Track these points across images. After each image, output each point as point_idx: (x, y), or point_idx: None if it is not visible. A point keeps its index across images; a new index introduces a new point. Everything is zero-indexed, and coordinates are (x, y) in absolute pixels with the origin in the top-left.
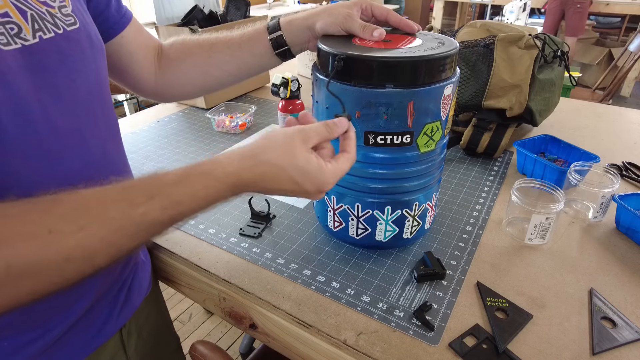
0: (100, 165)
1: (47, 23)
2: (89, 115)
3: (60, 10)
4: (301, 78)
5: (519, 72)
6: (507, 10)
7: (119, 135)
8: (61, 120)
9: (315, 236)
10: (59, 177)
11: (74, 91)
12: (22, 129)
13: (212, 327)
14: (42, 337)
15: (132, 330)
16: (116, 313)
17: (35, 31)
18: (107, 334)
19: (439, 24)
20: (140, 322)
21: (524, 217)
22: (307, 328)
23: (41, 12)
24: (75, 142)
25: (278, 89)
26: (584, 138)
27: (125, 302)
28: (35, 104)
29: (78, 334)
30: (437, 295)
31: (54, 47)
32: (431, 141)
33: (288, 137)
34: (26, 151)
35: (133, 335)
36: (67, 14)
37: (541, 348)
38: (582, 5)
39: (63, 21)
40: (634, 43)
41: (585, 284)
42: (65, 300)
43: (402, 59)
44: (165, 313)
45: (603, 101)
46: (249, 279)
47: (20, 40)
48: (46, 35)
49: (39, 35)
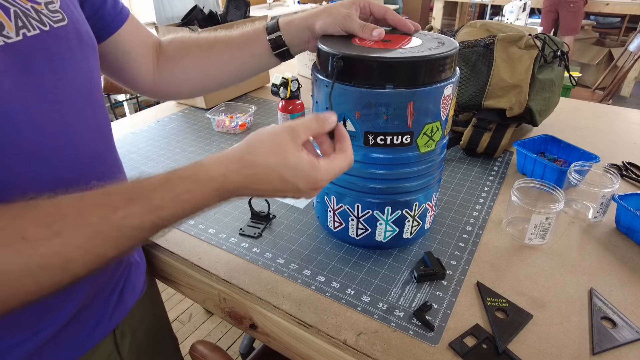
0: (89, 167)
1: (32, 20)
2: (77, 115)
3: (47, 6)
4: (301, 78)
5: (518, 72)
6: (507, 10)
7: (111, 136)
8: (46, 121)
9: (315, 236)
10: (43, 181)
11: (59, 90)
12: (1, 129)
13: (212, 327)
14: (31, 339)
15: (125, 331)
16: (108, 315)
17: (18, 28)
18: (99, 335)
19: (439, 24)
20: (134, 323)
21: (524, 217)
22: (307, 328)
23: (26, 8)
24: (61, 143)
25: (278, 89)
26: (584, 138)
27: (117, 303)
28: (17, 104)
29: (68, 336)
30: (437, 295)
31: (39, 44)
32: (431, 141)
33: (276, 135)
34: (7, 153)
35: (127, 336)
36: (55, 10)
37: (541, 348)
38: (575, 5)
39: (50, 17)
40: (634, 43)
41: (585, 284)
42: (53, 302)
43: (402, 59)
44: (162, 313)
45: (603, 101)
46: (249, 279)
47: (3, 38)
48: (30, 32)
49: (23, 32)
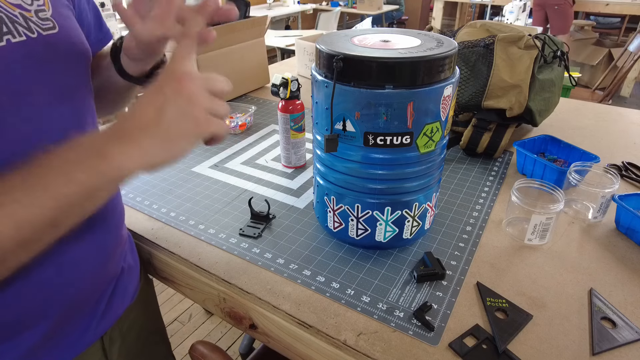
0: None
1: (19, 26)
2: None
3: (36, 14)
4: (301, 78)
5: (518, 72)
6: (507, 10)
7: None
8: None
9: (315, 236)
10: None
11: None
12: None
13: (212, 328)
14: (14, 349)
15: (115, 336)
16: (95, 323)
17: (3, 34)
18: (86, 343)
19: (439, 24)
20: (124, 329)
21: (523, 217)
22: (307, 328)
23: (13, 15)
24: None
25: (278, 89)
26: (583, 138)
27: (105, 311)
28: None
29: (53, 344)
30: (437, 295)
31: (24, 51)
32: (431, 142)
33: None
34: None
35: (116, 342)
36: (45, 18)
37: (541, 348)
38: (560, 7)
39: (39, 25)
40: (634, 43)
41: (585, 284)
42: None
43: (402, 59)
44: (156, 317)
45: (603, 101)
46: (248, 279)
47: None
48: (16, 38)
49: (7, 38)
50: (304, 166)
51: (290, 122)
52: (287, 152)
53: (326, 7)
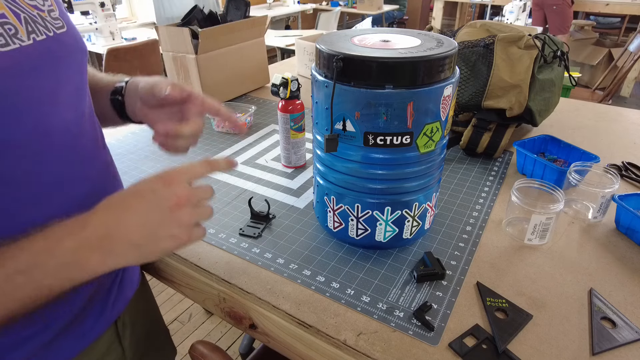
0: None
1: (39, 25)
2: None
3: (49, 13)
4: (301, 78)
5: (518, 72)
6: (507, 10)
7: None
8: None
9: (315, 236)
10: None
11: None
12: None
13: (212, 327)
14: (43, 332)
15: (126, 321)
16: (110, 305)
17: (29, 33)
18: (103, 325)
19: (439, 24)
20: (133, 314)
21: (523, 217)
22: (307, 328)
23: (33, 15)
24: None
25: (278, 89)
26: (583, 138)
27: (118, 294)
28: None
29: (76, 327)
30: (437, 295)
31: (45, 49)
32: (431, 142)
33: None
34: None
35: (128, 327)
36: (56, 17)
37: (541, 348)
38: (558, 7)
39: (52, 24)
40: (634, 43)
41: (585, 284)
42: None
43: (402, 59)
44: (154, 308)
45: (603, 101)
46: (248, 279)
47: (18, 41)
48: (39, 37)
49: (33, 37)
50: (304, 166)
51: (290, 122)
52: (287, 152)
53: (326, 7)
